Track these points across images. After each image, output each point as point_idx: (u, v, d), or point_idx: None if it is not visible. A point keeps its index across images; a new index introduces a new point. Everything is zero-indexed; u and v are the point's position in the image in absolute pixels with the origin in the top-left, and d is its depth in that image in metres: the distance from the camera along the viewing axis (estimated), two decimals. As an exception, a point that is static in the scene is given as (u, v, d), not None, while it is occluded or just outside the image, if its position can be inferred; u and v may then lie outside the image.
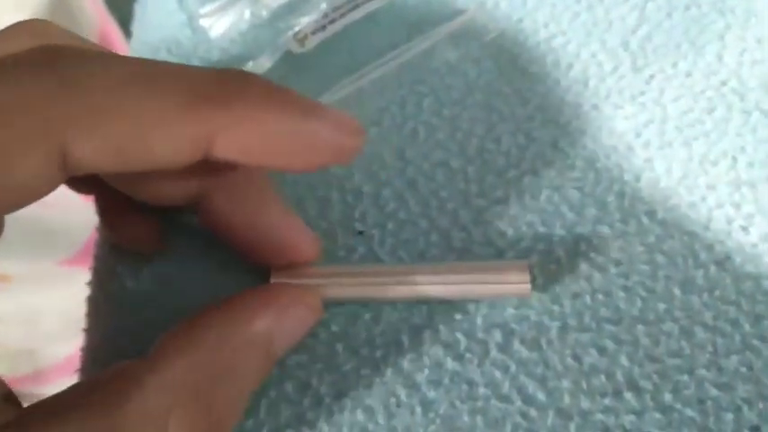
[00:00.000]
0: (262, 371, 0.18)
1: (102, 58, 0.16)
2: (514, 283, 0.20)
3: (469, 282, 0.20)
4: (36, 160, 0.15)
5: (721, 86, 0.25)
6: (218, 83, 0.16)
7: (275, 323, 0.18)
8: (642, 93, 0.25)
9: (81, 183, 0.22)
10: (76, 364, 0.23)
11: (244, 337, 0.17)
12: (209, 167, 0.18)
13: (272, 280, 0.20)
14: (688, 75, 0.26)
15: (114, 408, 0.15)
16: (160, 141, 0.15)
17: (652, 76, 0.26)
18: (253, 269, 0.21)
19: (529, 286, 0.20)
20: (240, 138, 0.16)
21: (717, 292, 0.21)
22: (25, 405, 0.16)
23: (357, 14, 0.27)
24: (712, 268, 0.22)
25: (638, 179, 0.23)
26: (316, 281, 0.20)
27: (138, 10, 0.30)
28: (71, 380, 0.17)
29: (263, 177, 0.20)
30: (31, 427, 0.15)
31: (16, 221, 0.17)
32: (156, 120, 0.15)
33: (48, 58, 0.15)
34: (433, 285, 0.20)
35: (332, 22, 0.27)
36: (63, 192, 0.20)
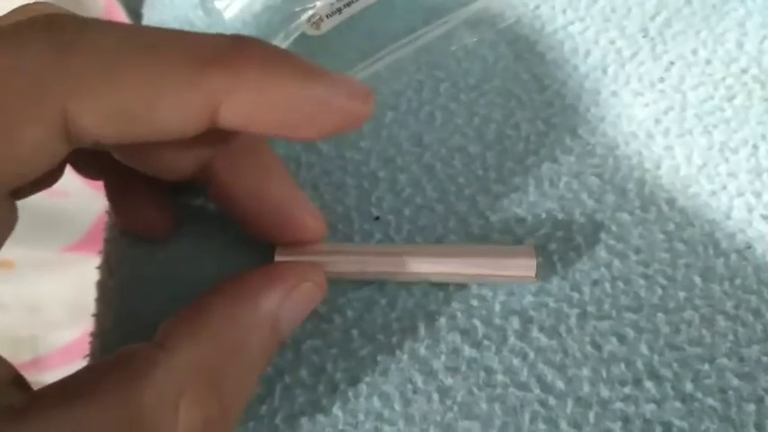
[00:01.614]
0: (269, 350, 0.18)
1: (103, 25, 0.15)
2: (521, 266, 0.20)
3: (475, 264, 0.20)
4: (37, 128, 0.14)
5: (742, 74, 0.25)
6: (222, 48, 0.15)
7: (281, 302, 0.18)
8: (662, 80, 0.25)
9: (89, 167, 0.22)
10: (78, 350, 0.22)
11: (250, 317, 0.17)
12: (214, 138, 0.17)
13: (277, 258, 0.20)
14: (708, 62, 0.25)
15: (129, 393, 0.15)
16: (164, 107, 0.15)
17: (672, 63, 0.25)
18: (263, 253, 0.21)
19: (534, 268, 0.20)
20: (246, 104, 0.15)
21: (738, 281, 0.21)
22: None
23: (373, -3, 0.27)
24: (733, 257, 0.21)
25: (658, 167, 0.23)
26: (320, 258, 0.20)
27: (150, -9, 0.29)
28: (73, 366, 0.17)
29: (269, 150, 0.20)
30: (46, 412, 0.14)
31: (20, 208, 0.17)
32: (159, 85, 0.15)
33: (48, 26, 0.15)
34: (437, 265, 0.20)
35: (348, 5, 0.27)
36: (66, 178, 0.20)
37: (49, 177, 0.18)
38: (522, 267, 0.20)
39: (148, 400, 0.15)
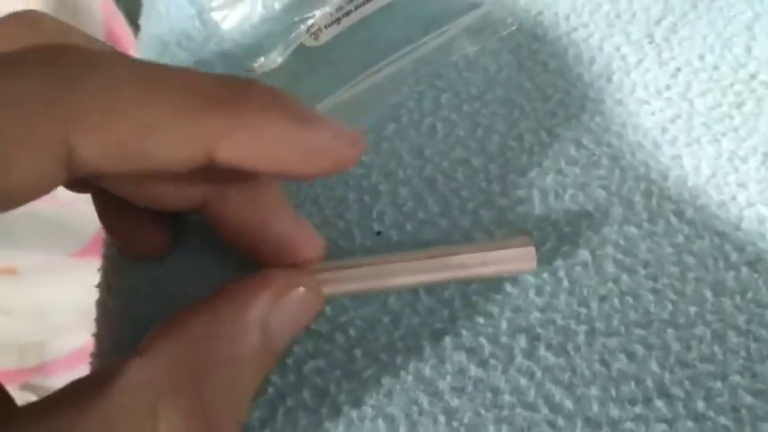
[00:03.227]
0: (260, 364, 0.17)
1: (106, 58, 0.16)
2: (519, 256, 0.20)
3: (471, 261, 0.20)
4: (40, 159, 0.14)
5: (750, 80, 0.24)
6: (222, 88, 0.16)
7: (269, 308, 0.17)
8: (668, 87, 0.24)
9: (81, 185, 0.21)
10: (85, 356, 0.22)
11: (236, 326, 0.17)
12: (213, 174, 0.17)
13: None
14: (715, 68, 0.25)
15: (100, 404, 0.15)
16: (163, 140, 0.15)
17: (678, 70, 0.25)
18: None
19: (533, 254, 0.20)
20: (243, 144, 0.16)
21: (749, 295, 0.20)
22: (35, 397, 0.16)
23: (372, 7, 0.26)
24: (744, 270, 0.21)
25: (665, 178, 0.23)
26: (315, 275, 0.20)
27: (147, 2, 0.29)
28: (79, 371, 0.17)
29: (274, 185, 0.19)
30: (23, 424, 0.15)
31: (24, 215, 0.17)
32: (159, 118, 0.15)
33: (52, 56, 0.15)
34: (433, 274, 0.20)
35: (347, 14, 0.26)
36: None
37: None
38: (522, 258, 0.20)
39: (123, 404, 0.15)
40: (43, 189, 0.15)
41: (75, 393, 0.15)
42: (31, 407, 0.15)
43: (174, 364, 0.16)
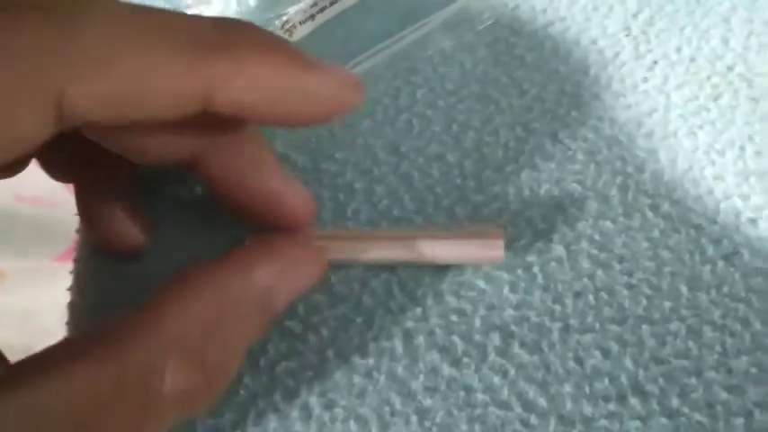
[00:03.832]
0: (260, 325, 0.17)
1: (101, 4, 0.15)
2: (487, 244, 0.20)
3: (442, 244, 0.20)
4: (31, 107, 0.14)
5: (727, 72, 0.24)
6: (218, 31, 0.15)
7: (277, 276, 0.17)
8: (645, 80, 0.24)
9: (62, 169, 0.21)
10: None
11: (243, 291, 0.17)
12: (203, 125, 0.17)
13: None
14: (692, 60, 0.25)
15: (114, 358, 0.15)
16: (160, 89, 0.15)
17: (655, 63, 0.25)
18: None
19: (502, 243, 0.20)
20: (241, 90, 0.16)
21: (725, 289, 0.20)
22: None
23: (348, 2, 0.26)
24: (720, 264, 0.21)
25: (641, 171, 0.22)
26: None
27: None
28: None
29: (261, 139, 0.19)
30: (25, 382, 0.14)
31: (10, 218, 0.16)
32: (156, 67, 0.15)
33: (46, 3, 0.15)
34: (404, 250, 0.20)
35: (321, 10, 0.26)
36: (55, 187, 0.19)
37: (14, 166, 0.18)
38: (490, 247, 0.20)
39: (134, 365, 0.15)
40: (34, 140, 0.15)
41: (77, 350, 0.15)
42: (30, 361, 0.15)
43: (183, 324, 0.16)
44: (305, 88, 0.16)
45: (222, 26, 0.16)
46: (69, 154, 0.20)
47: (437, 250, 0.20)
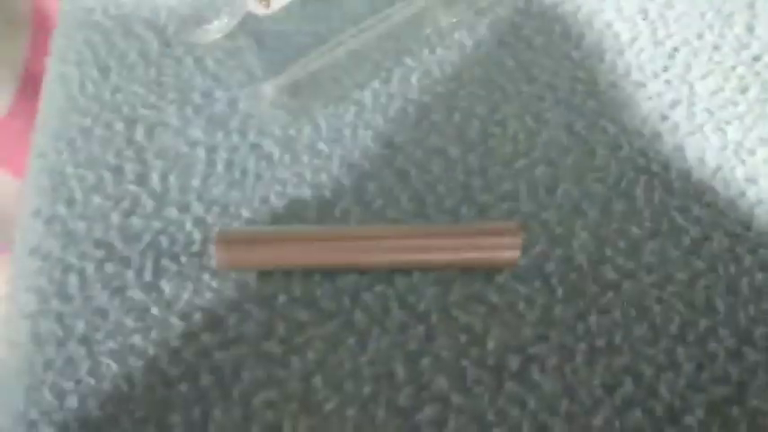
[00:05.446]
0: None
1: None
2: (502, 243, 0.17)
3: (453, 246, 0.17)
4: None
5: (754, 62, 0.22)
6: None
7: None
8: (665, 68, 0.22)
9: None
10: None
11: None
12: None
13: (216, 241, 0.17)
14: (716, 48, 0.22)
15: None
16: None
17: (676, 50, 0.22)
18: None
19: (519, 246, 0.18)
20: None
21: (765, 304, 0.18)
22: None
23: (331, -28, 0.23)
24: (759, 276, 0.18)
25: (667, 170, 0.20)
26: (264, 245, 0.17)
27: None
28: None
29: None
30: None
31: None
32: None
33: None
34: (405, 252, 0.18)
35: (301, -20, 0.23)
36: None
37: None
38: (504, 246, 0.17)
39: None
40: None
41: None
42: None
43: None
44: None
45: None
46: None
47: (442, 250, 0.17)
